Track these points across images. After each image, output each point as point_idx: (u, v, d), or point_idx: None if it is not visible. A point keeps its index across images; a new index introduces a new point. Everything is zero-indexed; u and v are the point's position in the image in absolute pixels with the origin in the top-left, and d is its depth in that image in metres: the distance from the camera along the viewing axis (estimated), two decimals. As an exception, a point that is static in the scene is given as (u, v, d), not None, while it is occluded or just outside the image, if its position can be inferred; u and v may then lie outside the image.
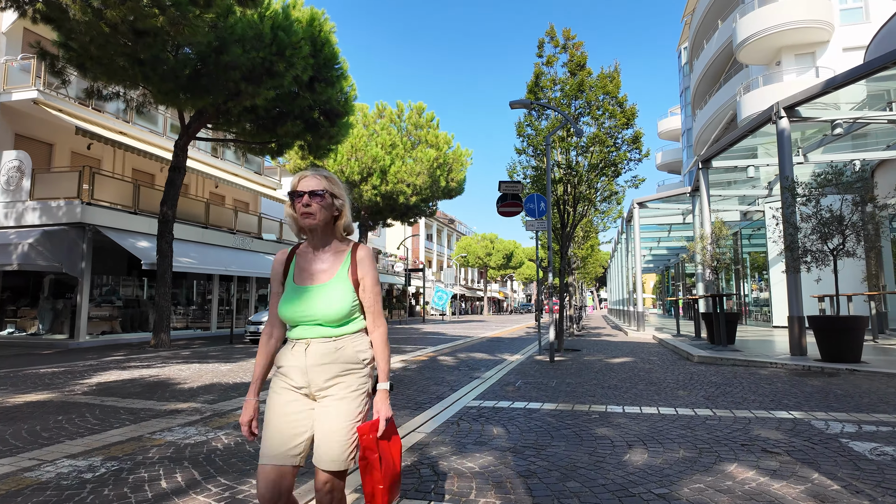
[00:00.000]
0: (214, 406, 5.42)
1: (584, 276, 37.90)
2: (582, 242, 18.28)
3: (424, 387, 6.74)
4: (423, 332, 19.69)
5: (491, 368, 8.63)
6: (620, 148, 11.98)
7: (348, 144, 20.05)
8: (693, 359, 9.21)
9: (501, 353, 11.26)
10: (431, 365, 9.12)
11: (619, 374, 7.77)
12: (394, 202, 21.92)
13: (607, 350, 11.64)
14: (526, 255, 58.64)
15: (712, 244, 11.89)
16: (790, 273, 8.55)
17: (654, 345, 12.99)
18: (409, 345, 13.47)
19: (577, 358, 10.05)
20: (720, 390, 6.19)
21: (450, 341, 14.73)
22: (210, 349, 12.56)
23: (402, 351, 11.72)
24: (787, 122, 8.97)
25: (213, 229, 18.07)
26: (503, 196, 11.14)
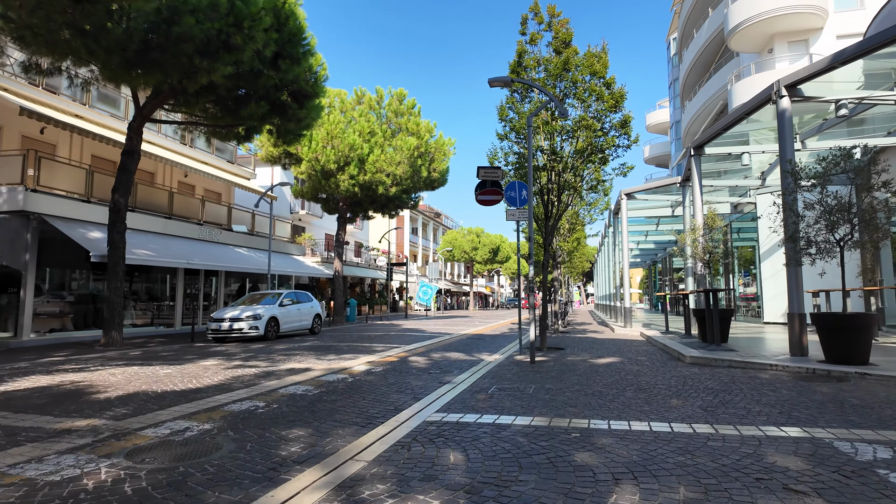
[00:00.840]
0: (120, 423, 4.52)
1: (571, 271, 37.30)
2: (568, 235, 17.53)
3: (383, 395, 5.89)
4: (402, 328, 18.84)
5: (465, 371, 7.80)
6: (608, 133, 11.18)
7: (324, 131, 19.04)
8: (685, 359, 8.47)
9: (480, 353, 10.45)
10: (399, 367, 8.28)
11: (605, 377, 6.99)
12: (373, 193, 20.97)
13: (593, 348, 10.89)
14: (513, 250, 57.94)
15: (704, 236, 11.16)
16: (791, 266, 7.82)
17: (641, 343, 12.27)
18: (382, 343, 12.61)
19: (561, 358, 9.27)
20: (719, 398, 5.42)
21: (427, 339, 13.90)
22: (164, 349, 11.59)
23: (371, 351, 10.86)
24: (789, 101, 8.23)
25: (178, 220, 17.02)
26: (482, 183, 10.30)
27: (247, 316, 13.15)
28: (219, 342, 13.24)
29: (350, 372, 7.71)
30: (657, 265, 40.67)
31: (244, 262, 18.24)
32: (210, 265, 16.16)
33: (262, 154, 20.15)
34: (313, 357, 9.64)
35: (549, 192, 11.57)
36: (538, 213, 12.59)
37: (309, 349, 11.22)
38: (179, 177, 21.29)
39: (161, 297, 17.63)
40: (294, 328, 14.79)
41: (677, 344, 10.19)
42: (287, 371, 7.76)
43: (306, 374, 7.40)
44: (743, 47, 21.41)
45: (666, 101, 50.05)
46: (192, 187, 22.12)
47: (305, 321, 15.24)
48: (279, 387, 6.38)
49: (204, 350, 11.23)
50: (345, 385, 6.55)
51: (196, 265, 15.41)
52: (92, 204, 14.05)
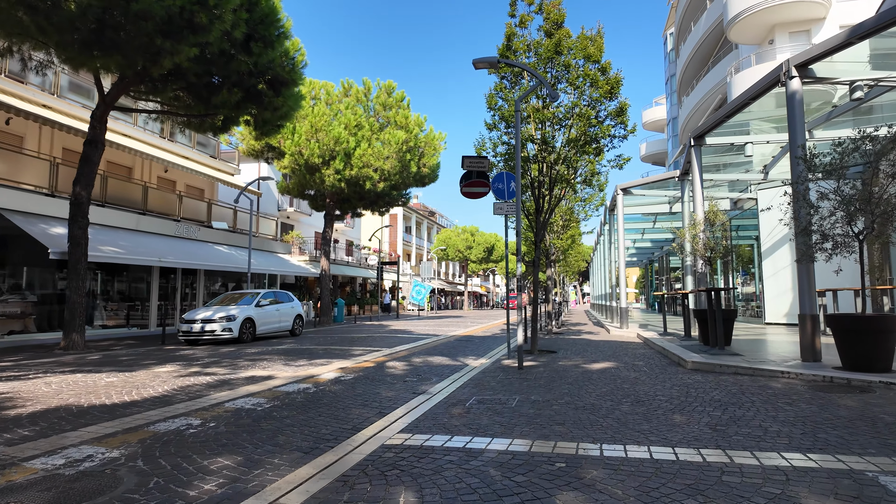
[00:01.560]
0: (9, 449, 3.75)
1: (567, 270, 36.61)
2: (562, 232, 16.82)
3: (344, 410, 5.15)
4: (390, 329, 18.09)
5: (444, 379, 7.06)
6: (603, 122, 10.46)
7: (307, 124, 18.26)
8: (686, 365, 7.75)
9: (465, 357, 9.72)
10: (373, 374, 7.53)
11: (599, 386, 6.26)
12: (360, 189, 20.19)
13: (587, 352, 10.16)
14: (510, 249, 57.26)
15: (705, 231, 10.45)
16: (803, 262, 7.11)
17: (638, 345, 11.56)
18: (363, 346, 11.86)
19: (551, 363, 8.54)
20: (728, 414, 4.70)
21: (413, 341, 13.15)
22: (127, 352, 10.80)
23: (348, 355, 10.10)
24: (800, 82, 7.52)
25: (153, 216, 16.22)
26: (467, 174, 9.56)
27: (220, 317, 12.37)
28: (191, 345, 12.47)
29: (316, 380, 6.95)
30: (654, 264, 40.04)
31: (223, 261, 17.45)
32: (185, 263, 15.37)
33: (243, 148, 19.35)
34: (281, 362, 8.87)
35: (541, 186, 10.85)
36: (528, 208, 11.87)
37: (281, 353, 10.45)
38: (159, 172, 20.47)
39: (136, 297, 16.82)
40: (272, 330, 14.02)
41: (677, 347, 9.47)
42: (245, 380, 7.00)
43: (265, 384, 6.64)
44: (743, 38, 20.74)
45: (662, 98, 49.44)
46: (173, 183, 21.31)
47: (285, 322, 14.47)
48: (228, 399, 5.62)
49: (168, 354, 10.44)
50: (304, 397, 5.79)
51: (169, 263, 14.62)
52: (57, 198, 13.24)
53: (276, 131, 14.31)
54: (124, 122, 18.27)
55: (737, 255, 21.12)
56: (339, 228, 35.94)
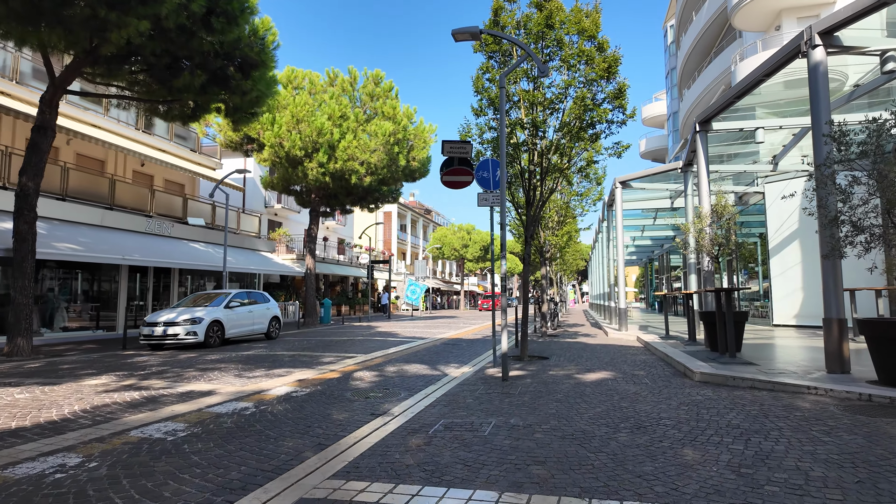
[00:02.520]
0: None
1: (564, 269, 35.65)
2: (557, 228, 15.85)
3: (275, 440, 4.17)
4: (375, 331, 17.11)
5: (414, 394, 6.09)
6: (600, 104, 9.47)
7: (288, 114, 17.26)
8: (693, 376, 6.78)
9: (446, 365, 8.74)
10: (333, 389, 6.55)
11: (593, 404, 5.28)
12: (346, 183, 19.18)
13: (582, 358, 9.18)
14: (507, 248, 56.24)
15: (712, 225, 9.49)
16: (831, 258, 6.13)
17: (638, 350, 10.59)
18: (338, 351, 10.87)
19: (541, 372, 7.57)
20: (753, 448, 3.72)
21: (394, 345, 12.17)
22: (76, 359, 9.81)
23: (316, 363, 9.12)
24: (824, 52, 6.54)
25: (122, 211, 15.22)
26: (448, 161, 8.57)
27: (184, 320, 11.38)
28: (154, 349, 11.49)
29: (262, 397, 5.96)
30: (654, 263, 39.09)
31: (198, 259, 16.46)
32: (151, 261, 14.37)
33: (221, 139, 18.34)
34: (234, 373, 7.87)
35: (532, 176, 9.87)
36: (519, 200, 10.89)
37: (242, 361, 9.46)
38: (135, 166, 19.47)
39: (106, 297, 15.83)
40: (244, 333, 13.02)
41: (681, 354, 8.49)
42: (179, 396, 6.01)
43: (199, 402, 5.65)
44: (748, 25, 19.75)
45: (662, 94, 48.46)
46: (150, 178, 20.29)
47: (259, 325, 13.48)
48: (140, 425, 4.64)
49: (118, 362, 9.45)
50: (235, 422, 4.81)
51: (134, 261, 13.62)
52: (9, 191, 12.25)
53: (249, 120, 13.31)
54: (94, 112, 17.28)
55: (742, 252, 20.11)
56: (331, 226, 34.95)
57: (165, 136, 20.24)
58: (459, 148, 8.33)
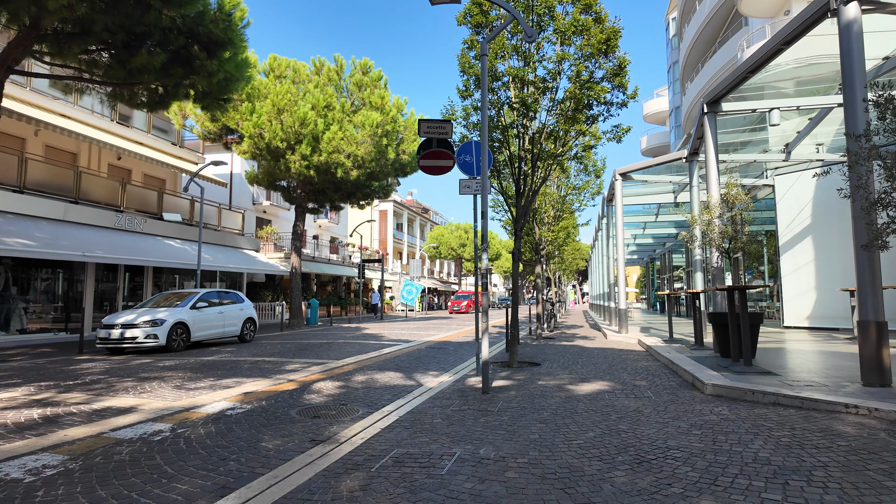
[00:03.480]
0: None
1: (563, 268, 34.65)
2: (553, 224, 14.88)
3: (168, 481, 3.20)
4: (361, 333, 16.15)
5: (374, 412, 5.13)
6: (600, 82, 8.50)
7: (269, 103, 16.31)
8: (704, 388, 5.80)
9: (424, 373, 7.78)
10: (282, 403, 5.59)
11: (584, 426, 4.32)
12: (332, 177, 18.21)
13: (577, 364, 8.21)
14: (503, 247, 55.33)
15: (722, 216, 8.51)
16: (870, 249, 5.14)
17: (640, 355, 9.61)
18: (308, 357, 9.91)
19: (529, 382, 6.60)
20: (794, 497, 2.75)
21: (375, 349, 11.21)
22: (17, 365, 8.85)
23: (277, 371, 8.15)
24: (858, 8, 5.56)
25: (88, 205, 14.27)
26: (426, 143, 7.60)
27: (143, 321, 10.43)
28: (113, 354, 10.55)
29: (187, 417, 5.00)
30: (655, 262, 38.10)
31: (173, 257, 15.51)
32: (118, 258, 13.42)
33: (198, 130, 17.40)
34: (175, 384, 6.91)
35: (522, 162, 8.91)
36: (507, 189, 9.94)
37: (194, 369, 8.50)
38: (111, 159, 18.54)
39: (72, 297, 14.88)
40: (215, 335, 12.06)
41: (689, 361, 7.52)
42: (88, 415, 5.05)
43: (106, 423, 4.69)
44: (755, 10, 18.77)
45: (663, 90, 47.50)
46: (128, 172, 19.36)
47: (231, 327, 12.51)
48: (2, 458, 3.68)
49: (56, 369, 8.49)
50: (133, 452, 3.85)
51: (96, 258, 12.67)
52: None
53: (220, 106, 12.34)
54: (65, 101, 16.36)
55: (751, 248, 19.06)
56: (323, 224, 34.01)
57: (144, 128, 19.32)
58: (438, 128, 7.36)
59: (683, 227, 24.22)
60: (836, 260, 13.17)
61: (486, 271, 6.33)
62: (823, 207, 13.58)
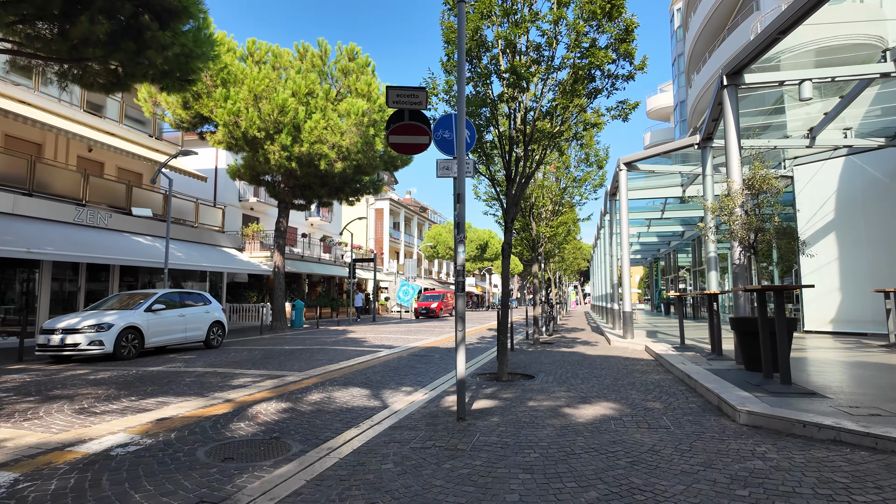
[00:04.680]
0: None
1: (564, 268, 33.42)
2: (551, 219, 13.67)
3: None
4: (343, 338, 14.95)
5: (311, 449, 3.94)
6: (606, 49, 7.29)
7: (245, 89, 15.11)
8: (736, 416, 4.59)
9: (396, 390, 6.57)
10: (195, 437, 4.39)
11: (584, 479, 3.11)
12: (315, 170, 17.01)
13: (577, 377, 6.99)
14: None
15: (746, 205, 7.30)
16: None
17: (649, 365, 8.39)
18: (266, 368, 8.71)
19: (518, 402, 5.39)
20: None
21: (351, 357, 10.01)
22: (-72, 378, 7.67)
23: (219, 387, 6.94)
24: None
25: (43, 198, 13.10)
26: (396, 115, 6.37)
27: (87, 326, 9.24)
28: (57, 361, 9.36)
29: (47, 461, 3.79)
30: (659, 262, 36.82)
31: (140, 255, 14.34)
32: (73, 256, 12.24)
33: (170, 118, 16.20)
34: (80, 406, 5.69)
35: (513, 144, 7.70)
36: (497, 177, 8.73)
37: (123, 384, 7.29)
38: (80, 151, 17.37)
39: (27, 299, 13.70)
40: (175, 341, 10.87)
41: (709, 376, 6.29)
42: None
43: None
44: (768, -9, 17.52)
45: (667, 85, 46.24)
46: (100, 165, 18.20)
47: (195, 331, 11.31)
48: None
49: (-24, 382, 7.31)
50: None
51: (45, 255, 11.49)
52: None
53: (183, 88, 11.13)
54: (25, 87, 15.20)
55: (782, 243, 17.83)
56: (315, 222, 32.83)
57: (116, 118, 18.15)
58: (410, 96, 6.14)
59: (691, 223, 22.98)
60: (865, 257, 11.94)
61: (463, 268, 5.11)
62: (849, 200, 12.35)
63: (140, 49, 9.58)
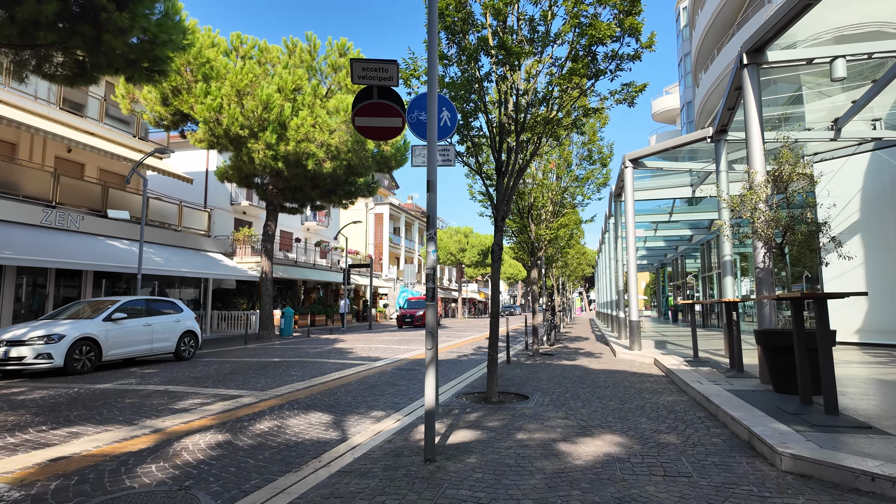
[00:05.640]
0: None
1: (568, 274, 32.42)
2: (551, 220, 12.73)
3: None
4: (327, 349, 14.02)
5: None
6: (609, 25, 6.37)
7: (227, 84, 14.28)
8: (777, 461, 3.60)
9: (364, 416, 5.62)
10: (77, 491, 3.44)
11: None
12: (303, 170, 16.15)
13: (578, 399, 6.02)
14: (506, 252, 53.10)
15: (770, 200, 6.35)
16: None
17: (659, 382, 7.40)
18: (226, 387, 7.77)
19: (504, 435, 4.42)
20: None
21: (328, 372, 9.07)
22: None
23: (158, 411, 6.00)
24: None
25: (9, 199, 12.28)
26: (364, 93, 5.45)
27: (35, 337, 8.35)
28: (2, 377, 8.47)
29: None
30: (666, 268, 35.73)
31: (113, 259, 13.48)
32: (29, 259, 11.37)
33: (148, 115, 15.39)
34: (-6, 435, 4.79)
35: (502, 131, 6.78)
36: (485, 170, 7.81)
37: (50, 407, 6.36)
38: (59, 151, 16.61)
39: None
40: (139, 353, 9.96)
41: (734, 400, 5.30)
42: None
43: None
44: (782, -19, 16.58)
45: (673, 87, 45.34)
46: (81, 167, 17.42)
47: (163, 342, 10.40)
48: None
49: None
50: None
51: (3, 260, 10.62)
52: None
53: (149, 79, 10.26)
54: (-3, 85, 14.45)
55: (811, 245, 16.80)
56: (311, 227, 31.99)
57: (97, 117, 17.38)
58: (378, 71, 5.22)
59: (700, 227, 21.95)
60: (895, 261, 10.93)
61: (434, 272, 4.17)
62: (877, 198, 11.35)
63: (98, 34, 8.74)
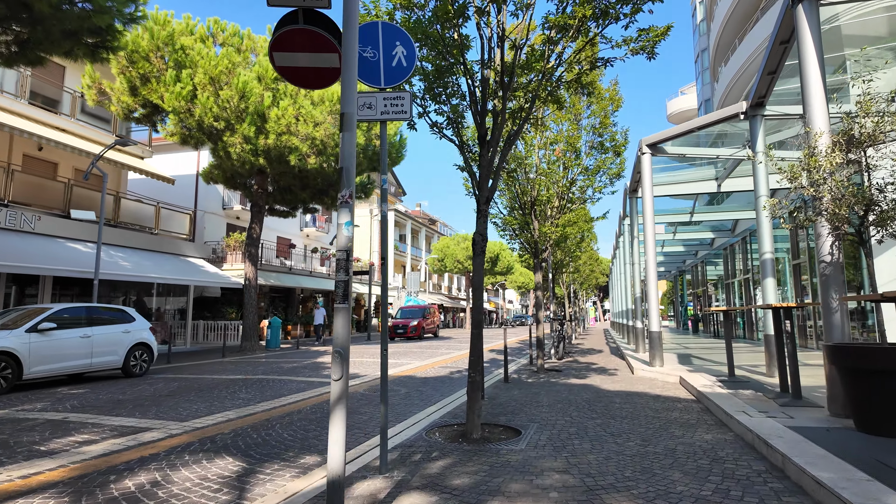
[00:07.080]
0: None
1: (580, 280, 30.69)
2: (556, 216, 11.20)
3: None
4: (306, 364, 12.54)
5: None
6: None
7: (201, 71, 13.02)
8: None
9: (292, 463, 4.11)
10: None
11: None
12: (286, 167, 14.80)
13: (585, 435, 4.44)
14: (516, 260, 51.38)
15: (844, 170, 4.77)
16: None
17: (690, 409, 5.76)
18: (142, 415, 6.29)
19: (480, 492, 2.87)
20: None
21: (284, 394, 7.59)
22: None
23: (19, 453, 4.54)
24: None
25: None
26: (285, 19, 3.97)
27: (-67, 351, 6.97)
28: None
29: None
30: (685, 275, 33.78)
31: (70, 263, 12.19)
32: None
33: (114, 106, 14.16)
34: None
35: (486, 86, 5.29)
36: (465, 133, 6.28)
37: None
38: (29, 149, 15.47)
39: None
40: (73, 368, 8.56)
41: (811, 451, 3.70)
42: None
43: None
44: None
45: (689, 87, 43.60)
46: (54, 166, 16.29)
47: (108, 356, 9.00)
48: None
49: None
50: None
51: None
52: None
53: (93, 55, 9.03)
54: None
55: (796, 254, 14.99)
56: (311, 234, 30.73)
57: (70, 113, 16.26)
58: (300, -14, 3.75)
59: (724, 229, 20.17)
60: None
61: (348, 253, 2.67)
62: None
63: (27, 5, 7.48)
